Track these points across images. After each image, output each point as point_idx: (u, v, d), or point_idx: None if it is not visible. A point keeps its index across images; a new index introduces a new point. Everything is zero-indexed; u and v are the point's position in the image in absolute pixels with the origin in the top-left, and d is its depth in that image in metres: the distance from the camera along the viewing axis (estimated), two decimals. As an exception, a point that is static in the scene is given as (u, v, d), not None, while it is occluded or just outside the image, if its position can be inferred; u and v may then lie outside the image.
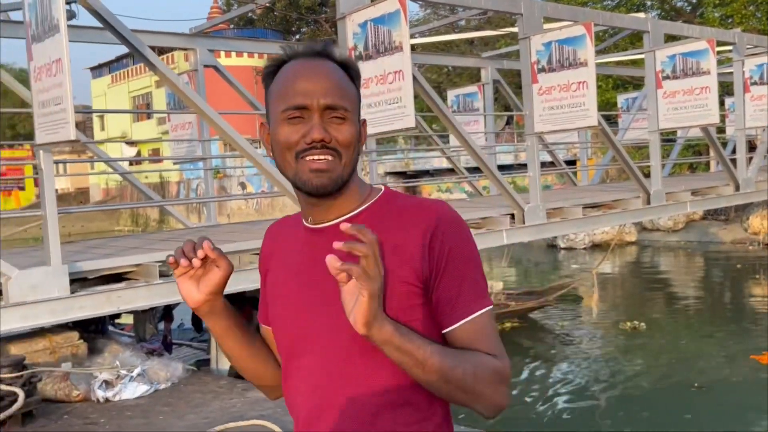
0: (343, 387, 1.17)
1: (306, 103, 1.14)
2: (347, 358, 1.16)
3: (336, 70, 1.20)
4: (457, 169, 10.60)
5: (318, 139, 1.13)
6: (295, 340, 1.22)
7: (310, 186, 1.16)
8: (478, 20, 16.51)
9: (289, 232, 1.31)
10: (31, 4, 4.09)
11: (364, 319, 1.02)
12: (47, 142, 4.15)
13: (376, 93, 5.63)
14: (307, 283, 1.21)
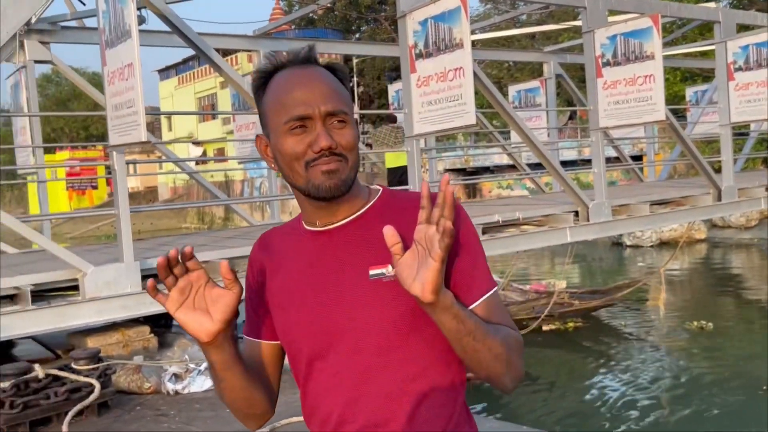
0: (372, 381, 1.17)
1: (308, 112, 1.15)
2: (375, 353, 1.17)
3: (328, 75, 1.21)
4: (519, 165, 10.47)
5: (326, 147, 1.14)
6: (317, 341, 1.21)
7: (324, 189, 1.16)
8: (539, 14, 16.21)
9: (287, 241, 1.29)
10: (105, 11, 4.26)
11: (433, 285, 1.03)
12: (120, 144, 4.32)
13: (436, 90, 5.61)
14: (322, 284, 1.21)
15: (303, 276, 1.23)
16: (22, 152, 7.26)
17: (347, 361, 1.18)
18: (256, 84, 1.24)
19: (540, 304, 9.19)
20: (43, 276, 4.50)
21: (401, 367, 1.17)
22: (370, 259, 1.18)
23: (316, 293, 1.21)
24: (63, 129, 45.72)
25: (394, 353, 1.17)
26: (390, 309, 1.16)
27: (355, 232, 1.21)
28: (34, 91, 6.87)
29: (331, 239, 1.22)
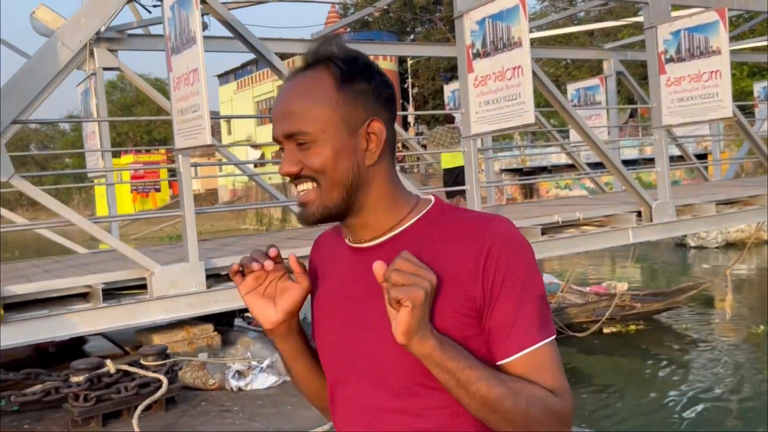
0: (392, 420, 1.06)
1: (275, 135, 1.08)
2: (394, 396, 1.05)
3: (308, 85, 1.06)
4: (578, 164, 10.28)
5: (284, 174, 1.07)
6: (341, 367, 1.13)
7: (300, 219, 1.10)
8: (598, 11, 15.92)
9: (332, 249, 1.20)
10: (171, 18, 4.40)
11: (404, 327, 0.93)
12: (186, 147, 4.46)
13: (494, 90, 5.58)
14: (350, 306, 1.10)
15: (336, 292, 1.14)
16: (91, 156, 7.56)
17: (363, 398, 1.09)
18: None
19: (600, 307, 9.02)
20: (113, 275, 4.67)
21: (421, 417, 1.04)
22: None
23: (344, 314, 1.11)
24: (128, 133, 47.28)
25: (415, 400, 1.04)
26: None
27: (389, 256, 0.99)
28: (103, 98, 7.14)
29: (364, 259, 1.08)
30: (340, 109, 1.04)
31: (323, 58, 1.06)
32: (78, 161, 43.18)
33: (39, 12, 6.79)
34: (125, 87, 47.44)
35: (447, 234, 1.05)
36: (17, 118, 4.36)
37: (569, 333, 8.55)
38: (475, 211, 1.17)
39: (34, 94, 4.32)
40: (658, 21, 6.81)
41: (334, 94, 1.04)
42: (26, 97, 4.31)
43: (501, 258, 1.00)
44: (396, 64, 42.39)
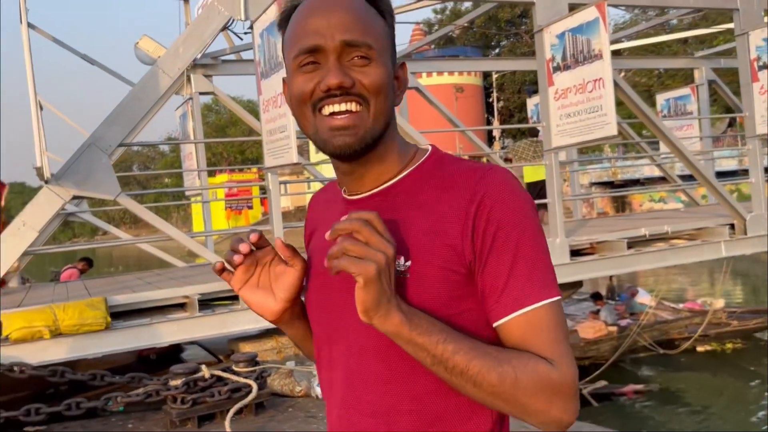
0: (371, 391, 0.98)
1: (319, 43, 0.92)
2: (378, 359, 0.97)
3: (359, 4, 0.96)
4: (670, 177, 10.00)
5: (335, 85, 0.91)
6: (323, 329, 1.06)
7: (332, 147, 0.94)
8: (692, 18, 15.32)
9: (329, 201, 1.11)
10: (260, 45, 4.68)
11: (361, 306, 0.85)
12: (274, 166, 4.71)
13: (574, 102, 5.57)
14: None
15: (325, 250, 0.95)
16: (189, 175, 8.02)
17: (345, 361, 1.01)
18: (279, 21, 1.04)
19: (693, 324, 8.68)
20: (209, 287, 4.97)
21: (406, 380, 0.95)
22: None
23: (329, 275, 0.95)
24: (222, 154, 49.33)
25: (399, 362, 0.95)
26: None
27: (378, 209, 0.92)
28: (199, 120, 7.60)
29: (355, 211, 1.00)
30: (389, 38, 0.99)
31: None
32: (176, 180, 45.42)
33: (142, 42, 7.32)
34: (219, 109, 49.57)
35: (439, 184, 0.97)
36: (123, 141, 4.75)
37: (660, 350, 8.28)
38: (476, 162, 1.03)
39: (138, 118, 4.70)
40: (750, 27, 6.58)
41: (383, 22, 0.99)
42: (132, 121, 4.70)
43: (494, 210, 0.91)
44: (480, 78, 42.29)
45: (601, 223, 8.45)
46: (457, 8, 38.68)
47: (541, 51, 5.84)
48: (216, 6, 4.87)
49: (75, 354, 4.57)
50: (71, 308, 4.53)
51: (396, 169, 1.01)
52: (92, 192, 4.57)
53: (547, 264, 0.93)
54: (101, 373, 4.46)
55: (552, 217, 5.93)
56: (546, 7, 5.86)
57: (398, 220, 0.96)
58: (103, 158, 4.58)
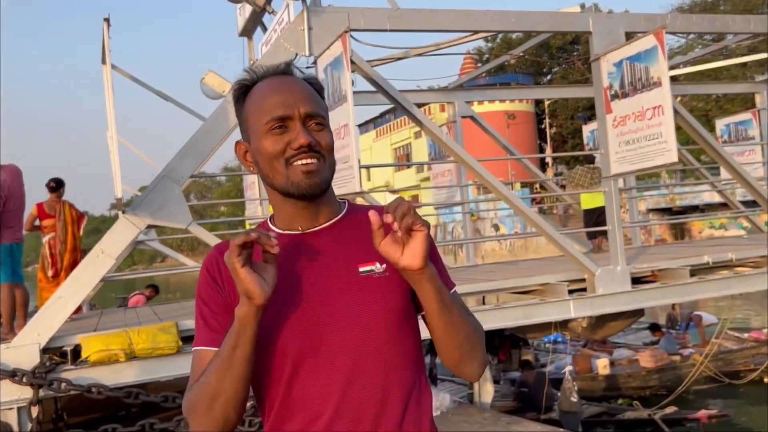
0: (367, 376, 1.18)
1: (288, 113, 1.19)
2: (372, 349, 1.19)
3: (306, 84, 1.26)
4: (730, 202, 9.78)
5: (305, 144, 1.18)
6: (307, 339, 1.18)
7: (304, 187, 1.19)
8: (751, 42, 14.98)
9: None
10: (324, 79, 4.87)
11: (423, 252, 1.09)
12: (338, 195, 4.85)
13: (633, 130, 5.57)
14: (308, 283, 1.21)
15: (285, 278, 1.18)
16: (251, 204, 8.28)
17: (342, 357, 1.18)
18: (236, 94, 1.28)
19: (760, 354, 8.42)
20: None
21: (393, 361, 1.21)
22: (359, 258, 1.22)
23: (302, 292, 1.20)
24: (276, 182, 50.34)
25: (388, 346, 1.21)
26: (383, 303, 1.20)
27: (339, 233, 1.25)
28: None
29: (316, 241, 1.24)
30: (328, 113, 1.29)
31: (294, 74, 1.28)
32: (231, 209, 46.39)
33: (207, 78, 7.63)
34: (274, 139, 50.69)
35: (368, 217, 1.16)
36: (194, 172, 4.98)
37: (727, 380, 8.05)
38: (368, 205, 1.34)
39: (208, 151, 4.93)
40: (813, 51, 6.47)
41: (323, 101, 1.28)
42: (202, 154, 4.93)
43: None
44: (532, 105, 42.15)
45: (661, 251, 8.33)
46: (507, 36, 38.79)
47: (598, 79, 5.88)
48: (282, 43, 5.09)
49: (147, 377, 4.76)
50: (145, 332, 4.74)
51: (338, 208, 1.29)
52: (166, 221, 4.80)
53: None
54: (173, 395, 4.64)
55: (612, 244, 5.90)
56: (603, 35, 5.91)
57: (362, 239, 1.21)
58: (176, 189, 4.81)
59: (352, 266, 1.22)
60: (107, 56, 4.44)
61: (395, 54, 6.90)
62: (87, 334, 4.78)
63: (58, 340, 4.72)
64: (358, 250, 1.23)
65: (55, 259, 6.37)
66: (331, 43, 4.83)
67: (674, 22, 6.34)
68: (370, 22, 5.28)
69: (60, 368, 4.58)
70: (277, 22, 6.35)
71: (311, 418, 1.17)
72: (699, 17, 6.62)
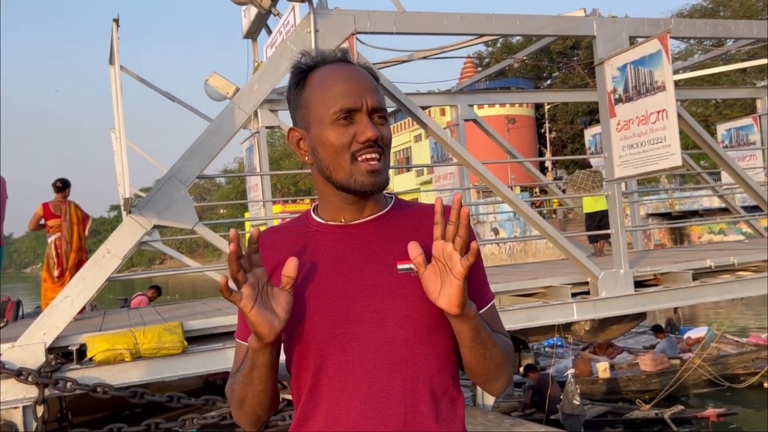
0: (399, 374, 1.14)
1: (357, 105, 1.16)
2: (403, 346, 1.15)
3: (369, 74, 1.23)
4: (731, 207, 9.80)
5: (372, 138, 1.15)
6: (338, 330, 1.15)
7: (367, 185, 1.17)
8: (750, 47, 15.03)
9: (297, 238, 1.25)
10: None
11: (458, 301, 1.07)
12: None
13: (637, 134, 5.60)
14: (346, 275, 1.18)
15: (323, 268, 1.19)
16: (254, 206, 8.29)
17: (374, 353, 1.15)
18: (294, 79, 1.24)
19: (759, 358, 8.44)
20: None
21: (427, 362, 1.16)
22: (398, 255, 1.18)
23: (339, 283, 1.18)
24: (276, 185, 50.35)
25: (422, 347, 1.16)
26: (418, 302, 1.15)
27: (382, 229, 1.22)
28: (265, 153, 7.89)
29: (357, 234, 1.22)
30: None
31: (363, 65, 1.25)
32: (231, 211, 46.38)
33: (212, 79, 7.65)
34: (274, 142, 50.73)
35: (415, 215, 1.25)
36: (200, 173, 5.00)
37: (726, 384, 8.07)
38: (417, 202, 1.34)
39: (214, 152, 4.94)
40: (816, 56, 6.51)
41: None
42: (208, 155, 4.94)
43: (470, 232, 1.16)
44: (532, 109, 42.21)
45: (663, 254, 8.35)
46: (508, 41, 38.86)
47: (602, 83, 5.91)
48: (288, 45, 5.11)
49: (152, 377, 4.76)
50: (150, 332, 4.74)
51: (384, 203, 1.27)
52: (172, 221, 4.81)
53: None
54: (178, 395, 4.65)
55: (615, 248, 5.92)
56: (606, 39, 5.94)
57: (403, 235, 1.21)
58: (182, 189, 4.82)
59: (391, 262, 1.18)
60: (116, 57, 4.46)
61: (400, 57, 6.93)
62: (92, 334, 4.79)
63: (63, 340, 4.73)
64: (398, 247, 1.19)
65: (61, 259, 6.39)
66: (338, 45, 4.85)
67: (678, 26, 6.37)
68: (377, 24, 5.31)
69: (65, 367, 4.58)
70: (282, 25, 6.37)
71: (336, 415, 1.15)
72: (702, 22, 6.66)
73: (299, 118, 1.24)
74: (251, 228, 10.08)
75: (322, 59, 1.22)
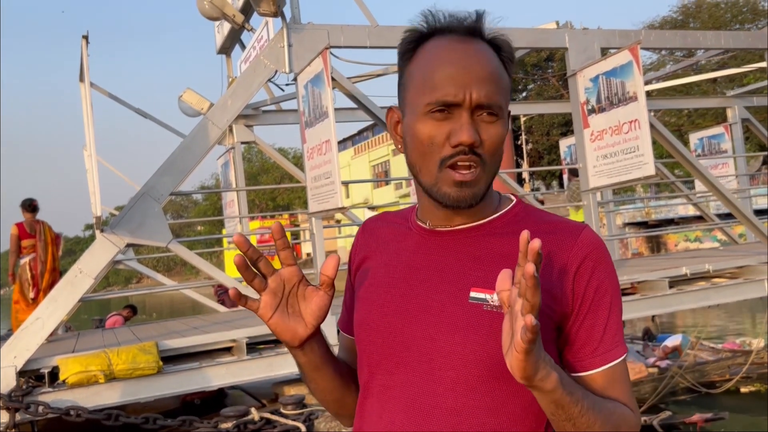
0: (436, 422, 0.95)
1: (457, 99, 0.94)
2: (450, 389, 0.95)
3: (492, 56, 0.98)
4: (706, 215, 9.94)
5: (466, 143, 0.94)
6: (388, 350, 1.00)
7: (451, 199, 0.97)
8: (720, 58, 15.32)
9: (390, 230, 1.11)
10: (305, 96, 4.88)
11: (520, 373, 0.82)
12: (320, 210, 4.85)
13: (611, 144, 5.65)
14: (414, 289, 1.01)
15: (397, 273, 1.04)
16: (230, 222, 8.22)
17: (416, 388, 0.97)
18: (404, 47, 1.03)
19: (736, 364, 8.52)
20: (255, 330, 5.07)
21: (474, 414, 0.94)
22: (476, 278, 0.97)
23: (402, 297, 1.01)
24: (254, 201, 50.08)
25: (472, 396, 0.95)
26: (482, 344, 0.94)
27: (469, 242, 1.01)
28: (241, 169, 7.84)
29: (440, 243, 1.02)
30: (510, 93, 1.01)
31: (484, 34, 1.00)
32: (209, 228, 46.04)
33: (186, 95, 7.60)
34: (251, 158, 50.54)
35: (536, 231, 0.95)
36: (174, 190, 4.94)
37: (704, 390, 8.12)
38: (561, 216, 1.06)
39: (188, 168, 4.90)
40: (782, 65, 6.64)
41: (507, 75, 1.00)
42: (182, 171, 4.90)
43: (596, 269, 0.97)
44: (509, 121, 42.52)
45: (639, 263, 8.42)
46: (483, 54, 39.15)
47: (575, 94, 5.96)
48: (262, 60, 5.10)
49: (127, 398, 4.68)
50: (124, 353, 4.66)
51: (487, 211, 1.03)
52: (145, 239, 4.75)
53: (622, 322, 1.01)
54: (153, 417, 4.56)
55: (592, 257, 5.94)
56: (579, 51, 6.01)
57: (491, 254, 0.99)
58: (156, 207, 4.76)
59: (466, 286, 0.97)
60: (86, 74, 4.41)
61: (375, 71, 6.94)
62: (65, 356, 4.69)
63: (35, 363, 4.63)
64: (480, 269, 0.97)
65: (36, 280, 6.27)
66: (312, 60, 4.84)
67: (648, 37, 6.46)
68: (351, 39, 5.31)
69: (37, 391, 4.48)
70: (256, 40, 6.36)
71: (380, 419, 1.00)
72: (672, 33, 6.77)
73: (401, 97, 1.04)
74: (227, 244, 10.00)
75: (443, 26, 0.99)
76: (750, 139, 17.45)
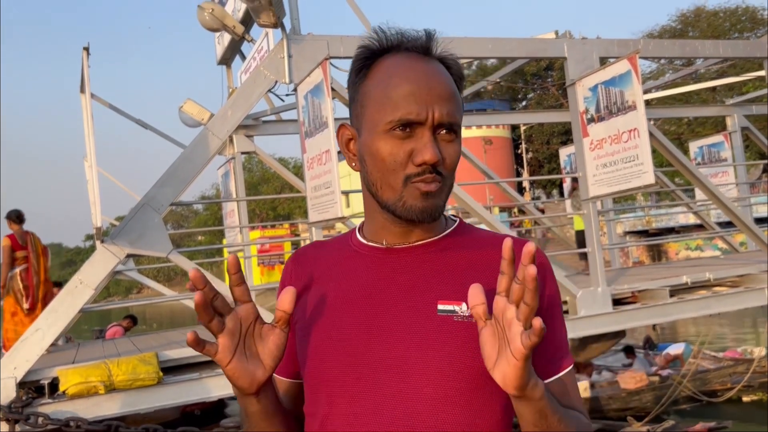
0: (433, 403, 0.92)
1: (420, 117, 0.93)
2: (426, 406, 0.92)
3: (448, 75, 0.99)
4: (706, 224, 9.93)
5: (430, 162, 0.93)
6: (352, 373, 0.95)
7: (416, 212, 0.95)
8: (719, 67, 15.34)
9: (332, 256, 1.07)
10: (304, 106, 4.89)
11: (516, 383, 0.82)
12: (320, 220, 4.85)
13: (610, 152, 5.65)
14: (376, 307, 0.97)
15: (354, 294, 1.00)
16: (231, 232, 8.22)
17: (390, 410, 0.92)
18: (358, 64, 1.01)
19: (737, 373, 8.50)
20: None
21: (455, 430, 0.92)
22: (442, 291, 0.96)
23: (364, 319, 0.97)
24: (254, 210, 50.09)
25: (451, 410, 0.92)
26: (457, 353, 0.92)
27: (430, 258, 1.00)
28: (242, 179, 7.85)
29: (398, 261, 1.00)
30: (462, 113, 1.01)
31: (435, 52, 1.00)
32: (209, 238, 46.05)
33: (186, 106, 7.63)
34: (252, 167, 50.61)
35: (481, 247, 1.01)
36: (174, 200, 4.95)
37: (705, 399, 8.10)
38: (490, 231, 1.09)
39: (188, 179, 4.91)
40: (781, 74, 6.66)
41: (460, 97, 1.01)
42: (182, 181, 4.90)
43: (546, 279, 0.99)
44: (509, 131, 42.64)
45: (640, 272, 8.41)
46: (483, 63, 39.37)
47: (574, 103, 5.98)
48: (262, 71, 5.12)
49: (127, 409, 4.67)
50: (125, 363, 4.65)
51: (438, 228, 1.04)
52: (146, 250, 4.75)
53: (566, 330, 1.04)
54: (154, 428, 4.55)
55: (593, 266, 5.95)
56: (577, 61, 6.02)
57: (452, 267, 0.99)
58: (156, 218, 4.77)
59: (432, 301, 0.96)
60: (87, 85, 4.43)
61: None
62: (65, 367, 4.69)
63: (35, 374, 4.62)
64: (445, 282, 0.97)
65: (30, 291, 6.27)
66: (312, 70, 4.86)
67: (647, 46, 6.48)
68: (350, 49, 5.33)
69: (37, 402, 4.47)
70: (256, 50, 6.39)
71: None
72: (670, 42, 6.79)
73: (354, 114, 1.02)
74: (228, 253, 10.01)
75: (395, 42, 0.98)
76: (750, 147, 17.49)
